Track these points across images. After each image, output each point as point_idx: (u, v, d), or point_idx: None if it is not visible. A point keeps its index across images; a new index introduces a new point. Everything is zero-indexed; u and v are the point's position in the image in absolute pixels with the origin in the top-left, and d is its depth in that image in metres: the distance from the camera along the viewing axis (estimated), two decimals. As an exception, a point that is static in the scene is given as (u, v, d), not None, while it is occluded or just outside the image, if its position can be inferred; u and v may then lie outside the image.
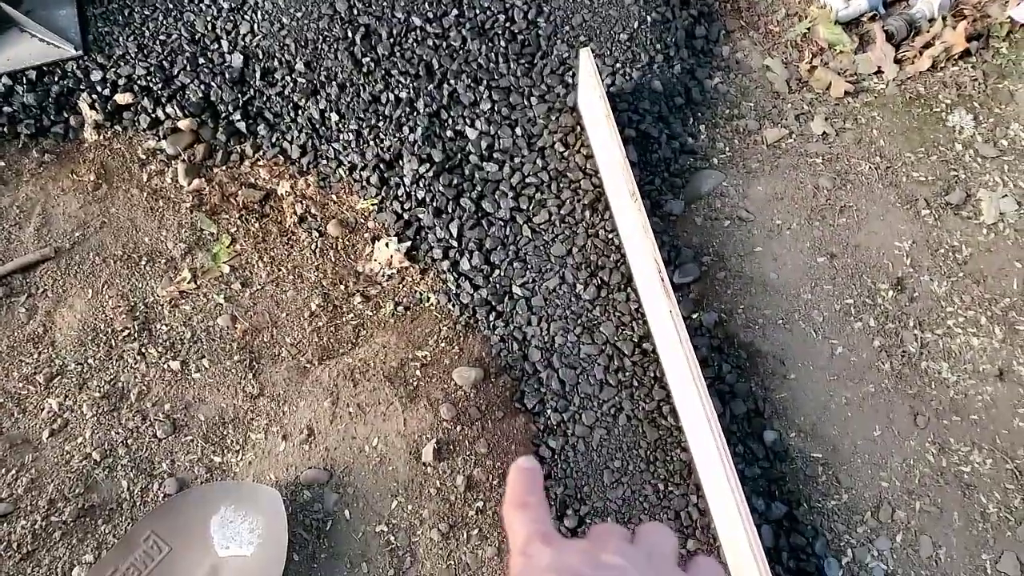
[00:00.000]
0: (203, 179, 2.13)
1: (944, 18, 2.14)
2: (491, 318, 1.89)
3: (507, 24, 2.16)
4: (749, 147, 2.05)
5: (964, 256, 1.85)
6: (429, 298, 1.95)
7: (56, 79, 2.15)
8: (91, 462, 1.74)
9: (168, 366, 1.87)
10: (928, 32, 2.13)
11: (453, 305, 1.92)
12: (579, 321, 1.85)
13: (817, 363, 1.77)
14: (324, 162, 2.13)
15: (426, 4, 2.18)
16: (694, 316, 1.80)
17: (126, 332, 1.91)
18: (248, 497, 1.65)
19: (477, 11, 2.17)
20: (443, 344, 1.87)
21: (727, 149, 2.05)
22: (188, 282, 1.99)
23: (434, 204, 2.01)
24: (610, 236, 1.93)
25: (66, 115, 2.15)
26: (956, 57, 2.09)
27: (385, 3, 2.19)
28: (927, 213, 1.90)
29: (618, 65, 2.11)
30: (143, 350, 1.89)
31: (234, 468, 1.74)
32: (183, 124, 2.14)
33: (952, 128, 2.02)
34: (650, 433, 1.72)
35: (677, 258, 1.89)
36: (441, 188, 2.01)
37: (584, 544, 0.46)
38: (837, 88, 2.09)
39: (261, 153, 2.16)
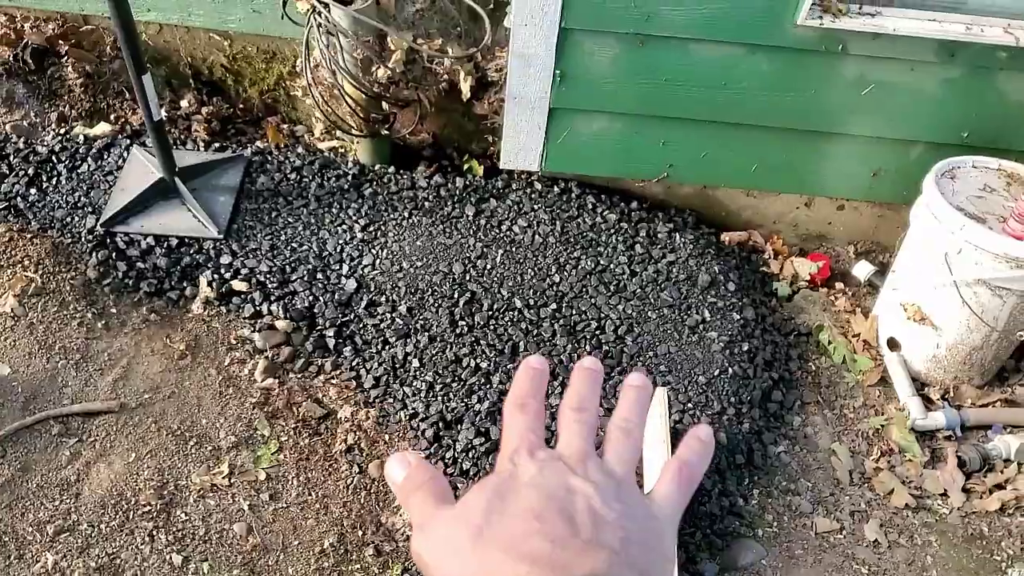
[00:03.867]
0: (276, 380, 2.23)
1: (1020, 465, 2.13)
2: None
3: (597, 332, 2.28)
4: (797, 529, 2.02)
5: None
6: (439, 574, 1.91)
7: (191, 251, 2.37)
8: (56, 636, 1.70)
9: (170, 558, 1.86)
10: (1001, 473, 2.12)
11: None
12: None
13: None
14: (391, 400, 2.21)
15: (531, 291, 2.34)
16: None
17: (147, 508, 1.93)
18: None
19: (574, 312, 2.32)
20: (436, 633, 1.80)
21: (775, 524, 2.02)
22: (223, 476, 2.03)
23: (477, 479, 2.02)
24: (635, 576, 1.88)
25: (185, 284, 2.34)
26: (1026, 509, 2.06)
27: (495, 279, 2.36)
28: (968, 670, 1.79)
29: (690, 405, 2.17)
30: (154, 533, 1.89)
31: None
32: (280, 324, 2.29)
33: (1010, 583, 1.94)
34: None
35: (696, 625, 1.81)
36: (488, 467, 2.03)
37: (562, 465, 0.48)
38: (899, 498, 2.07)
39: (338, 372, 2.26)
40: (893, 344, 2.43)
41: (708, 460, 0.54)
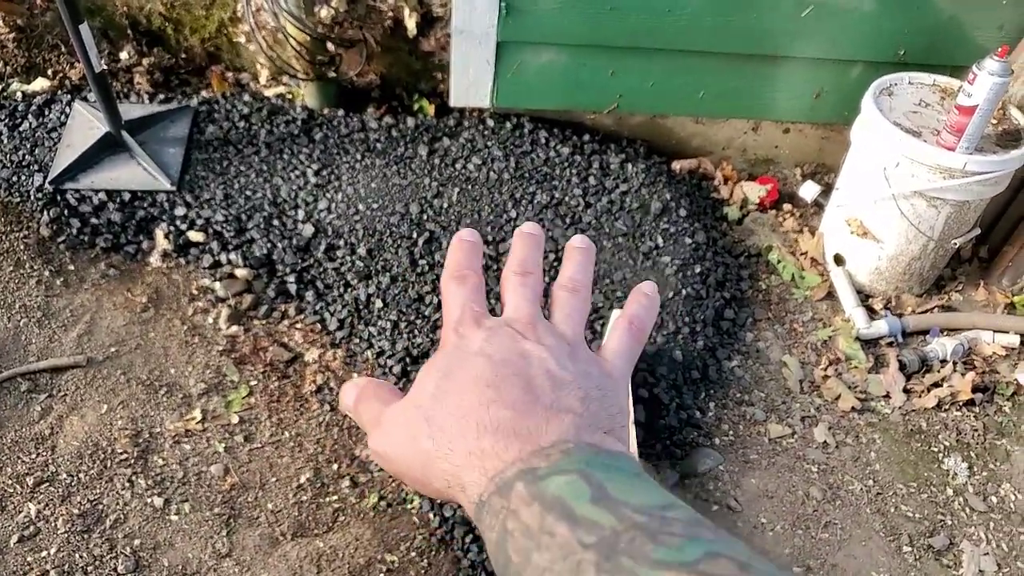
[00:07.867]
0: (241, 327, 2.26)
1: (955, 363, 2.27)
2: (467, 540, 1.92)
3: (555, 263, 2.34)
4: (752, 436, 2.13)
5: (937, 607, 1.86)
6: (414, 500, 2.00)
7: (145, 205, 2.35)
8: (45, 582, 1.75)
9: (151, 501, 1.91)
10: (938, 372, 2.25)
11: (434, 515, 1.96)
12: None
13: None
14: (357, 341, 2.26)
15: (488, 228, 2.39)
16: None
17: (124, 456, 1.97)
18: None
19: (532, 245, 2.37)
20: (414, 554, 1.89)
21: (731, 432, 2.13)
22: (197, 422, 2.07)
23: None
24: (600, 489, 1.98)
25: (141, 238, 2.34)
26: (961, 404, 2.20)
27: (452, 217, 2.40)
28: (909, 551, 1.94)
29: (647, 327, 2.25)
30: (133, 478, 1.94)
31: (177, 627, 1.73)
32: (240, 273, 2.31)
33: (947, 471, 2.09)
34: None
35: (659, 529, 1.93)
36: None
37: (510, 331, 0.47)
38: (845, 401, 2.20)
39: (302, 317, 2.30)
40: (839, 260, 2.54)
41: (655, 313, 0.53)
